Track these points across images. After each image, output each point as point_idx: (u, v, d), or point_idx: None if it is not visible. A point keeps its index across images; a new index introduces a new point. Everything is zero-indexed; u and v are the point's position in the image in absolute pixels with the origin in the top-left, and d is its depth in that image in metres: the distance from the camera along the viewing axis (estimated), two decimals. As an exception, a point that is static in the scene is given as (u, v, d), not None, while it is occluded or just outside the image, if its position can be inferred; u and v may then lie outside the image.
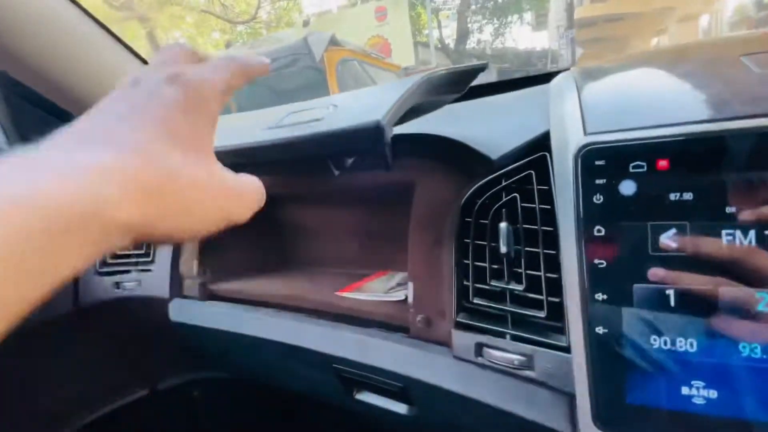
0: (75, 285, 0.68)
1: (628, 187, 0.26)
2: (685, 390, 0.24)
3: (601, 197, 0.26)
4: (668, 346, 0.24)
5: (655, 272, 0.24)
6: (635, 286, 0.25)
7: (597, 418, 0.26)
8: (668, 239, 0.24)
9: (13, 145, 0.70)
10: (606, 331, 0.26)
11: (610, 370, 0.26)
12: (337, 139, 0.31)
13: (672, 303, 0.24)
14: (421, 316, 0.44)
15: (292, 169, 0.46)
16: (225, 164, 0.41)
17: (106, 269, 0.68)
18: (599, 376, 0.26)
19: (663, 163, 0.25)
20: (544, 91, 0.52)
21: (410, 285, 0.46)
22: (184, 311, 0.62)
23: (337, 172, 0.37)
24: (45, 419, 0.73)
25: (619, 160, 0.26)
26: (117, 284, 0.67)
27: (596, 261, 0.26)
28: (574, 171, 0.27)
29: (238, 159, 0.38)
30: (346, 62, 3.64)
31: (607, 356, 0.26)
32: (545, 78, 0.66)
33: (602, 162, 0.26)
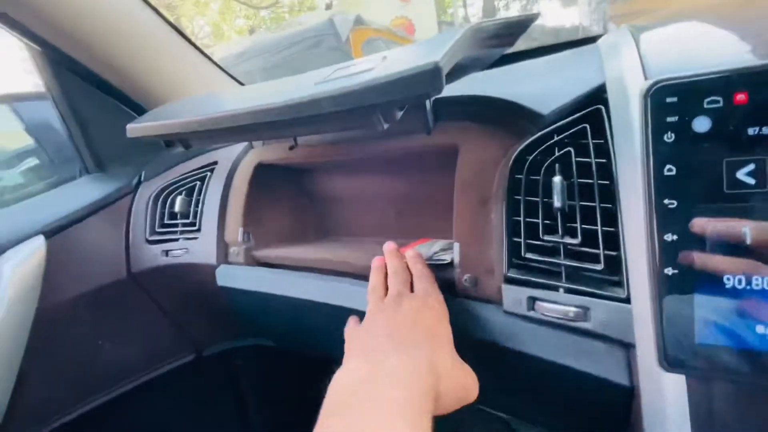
0: (127, 253, 0.72)
1: (702, 124, 0.25)
2: (759, 328, 0.23)
3: (673, 135, 0.25)
4: (743, 284, 0.24)
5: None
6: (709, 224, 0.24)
7: (665, 359, 0.26)
8: (745, 175, 0.24)
9: (65, 116, 0.73)
10: (676, 271, 0.25)
11: (680, 310, 0.25)
12: (393, 85, 0.31)
13: (748, 239, 0.24)
14: (468, 275, 0.44)
15: (339, 124, 0.46)
16: (276, 122, 0.42)
17: (155, 238, 0.71)
18: (668, 317, 0.25)
19: (741, 97, 0.24)
20: (590, 51, 0.50)
21: (456, 246, 0.46)
22: (231, 276, 0.64)
23: (385, 125, 0.38)
24: (96, 381, 0.77)
25: (694, 96, 0.25)
26: (166, 252, 0.70)
27: (666, 201, 0.25)
28: (643, 110, 0.26)
29: (291, 114, 0.38)
30: (372, 42, 3.60)
31: (677, 296, 0.25)
32: (587, 41, 0.64)
33: (674, 99, 0.25)
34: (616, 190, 0.35)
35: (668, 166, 0.25)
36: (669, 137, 0.25)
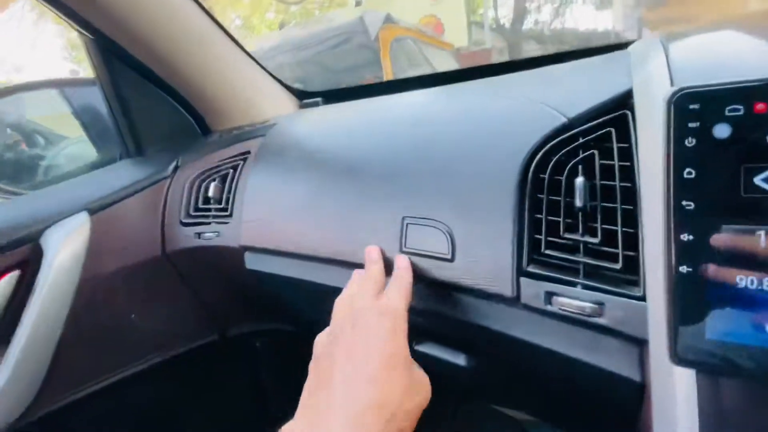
0: (162, 233, 0.76)
1: (722, 131, 0.26)
2: (769, 327, 0.25)
3: (694, 140, 0.27)
4: (754, 285, 0.25)
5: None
6: (724, 226, 0.26)
7: (675, 354, 0.27)
8: (763, 180, 0.25)
9: (111, 102, 0.78)
10: (690, 269, 0.26)
11: (693, 307, 0.26)
12: None
13: (762, 243, 0.25)
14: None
15: None
16: None
17: (188, 220, 0.75)
18: (681, 312, 0.27)
19: (761, 107, 0.25)
20: (619, 57, 0.51)
21: (477, 240, 0.47)
22: (258, 260, 0.67)
23: None
24: (125, 353, 0.81)
25: (716, 104, 0.26)
26: (198, 234, 0.73)
27: (684, 203, 0.27)
28: (666, 115, 0.27)
29: None
30: (400, 40, 3.62)
31: (690, 293, 0.27)
32: (616, 48, 0.64)
33: (696, 106, 0.27)
34: (637, 192, 0.36)
35: (688, 170, 0.27)
36: (690, 142, 0.27)
